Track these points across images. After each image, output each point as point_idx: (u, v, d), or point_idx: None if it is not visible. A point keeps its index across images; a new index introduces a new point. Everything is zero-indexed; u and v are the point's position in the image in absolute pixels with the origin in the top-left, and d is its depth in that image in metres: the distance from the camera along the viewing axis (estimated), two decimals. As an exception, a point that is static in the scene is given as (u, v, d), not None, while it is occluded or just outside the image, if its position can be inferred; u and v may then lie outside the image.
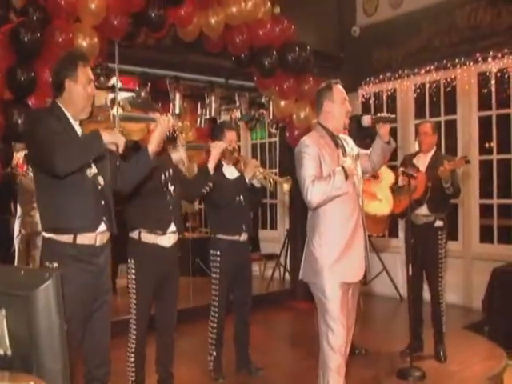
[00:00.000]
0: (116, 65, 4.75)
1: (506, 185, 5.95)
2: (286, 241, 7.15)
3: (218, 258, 3.80)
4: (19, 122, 3.81)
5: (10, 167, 5.73)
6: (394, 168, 4.42)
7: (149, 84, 6.12)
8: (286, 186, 3.69)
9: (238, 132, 6.95)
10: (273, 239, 8.08)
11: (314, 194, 2.68)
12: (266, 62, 5.33)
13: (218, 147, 3.51)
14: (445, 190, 4.09)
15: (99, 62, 4.67)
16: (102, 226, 2.46)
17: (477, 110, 6.10)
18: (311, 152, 2.74)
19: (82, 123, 2.47)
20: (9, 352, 1.30)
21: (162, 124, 2.54)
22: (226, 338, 3.92)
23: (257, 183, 3.88)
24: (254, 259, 6.30)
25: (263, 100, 6.74)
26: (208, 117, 6.94)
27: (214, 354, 3.85)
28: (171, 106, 6.32)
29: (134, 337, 3.25)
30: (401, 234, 6.42)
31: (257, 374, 3.98)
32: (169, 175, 3.30)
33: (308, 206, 2.80)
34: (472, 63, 5.94)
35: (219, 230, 3.84)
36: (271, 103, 6.07)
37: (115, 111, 2.60)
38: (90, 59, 2.65)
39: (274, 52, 5.35)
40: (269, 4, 5.34)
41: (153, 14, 4.44)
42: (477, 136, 6.09)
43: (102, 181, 2.46)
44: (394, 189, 4.13)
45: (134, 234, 3.25)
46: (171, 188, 3.31)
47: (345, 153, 2.84)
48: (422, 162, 4.33)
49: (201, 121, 7.22)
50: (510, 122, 5.84)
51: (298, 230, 6.40)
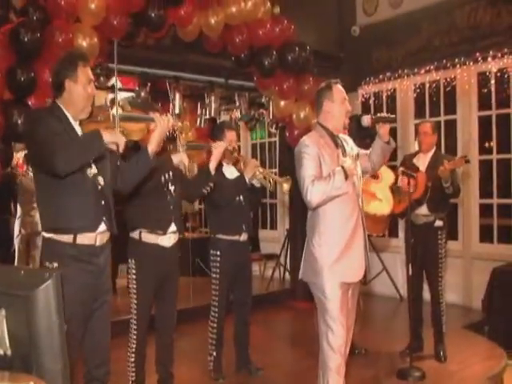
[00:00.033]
0: (115, 65, 4.75)
1: (506, 184, 5.94)
2: (286, 241, 7.14)
3: (218, 258, 3.80)
4: (19, 122, 3.81)
5: (10, 167, 5.73)
6: (393, 168, 4.41)
7: (148, 84, 6.10)
8: (286, 186, 3.69)
9: (238, 132, 6.94)
10: (273, 239, 8.08)
11: (313, 193, 2.68)
12: (266, 62, 5.33)
13: (219, 147, 3.51)
14: (445, 189, 4.09)
15: (99, 62, 4.67)
16: (102, 226, 2.46)
17: (477, 109, 6.09)
18: (311, 152, 2.74)
19: (81, 123, 2.48)
20: (9, 352, 1.30)
21: (161, 124, 2.53)
22: (226, 338, 3.92)
23: (257, 183, 3.88)
24: (254, 259, 6.30)
25: (263, 100, 6.73)
26: (208, 117, 6.92)
27: (214, 354, 3.85)
28: (171, 106, 6.30)
29: (135, 337, 3.25)
30: (401, 233, 6.42)
31: (257, 373, 3.98)
32: (169, 175, 3.30)
33: (308, 206, 2.80)
34: (472, 63, 5.94)
35: (219, 230, 3.84)
36: (271, 103, 6.06)
37: (115, 111, 2.60)
38: (89, 59, 2.65)
39: (274, 52, 5.35)
40: (268, 4, 5.34)
41: (153, 14, 4.45)
42: (477, 136, 6.09)
43: (102, 181, 2.47)
44: (393, 189, 4.13)
45: (135, 234, 3.26)
46: (172, 188, 3.31)
47: (344, 153, 2.85)
48: (422, 162, 4.33)
49: (200, 121, 7.20)
50: (509, 121, 5.84)
51: (297, 229, 6.40)
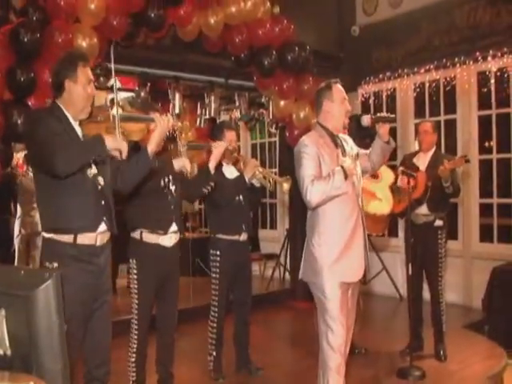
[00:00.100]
0: (112, 64, 4.74)
1: (506, 184, 5.95)
2: (286, 240, 7.14)
3: (218, 258, 3.80)
4: (19, 122, 3.81)
5: (10, 167, 5.73)
6: (393, 167, 4.42)
7: (148, 84, 6.10)
8: (286, 186, 3.68)
9: (238, 132, 6.94)
10: (273, 239, 8.08)
11: (313, 193, 2.68)
12: (266, 62, 5.33)
13: (219, 147, 3.51)
14: (445, 189, 4.09)
15: (99, 62, 4.67)
16: (103, 226, 2.46)
17: (476, 109, 6.09)
18: (310, 152, 2.74)
19: (81, 123, 2.48)
20: (8, 352, 1.30)
21: (161, 124, 2.53)
22: (226, 338, 3.92)
23: (256, 183, 3.88)
24: (254, 259, 6.30)
25: (263, 100, 6.72)
26: (208, 117, 6.91)
27: (214, 353, 3.85)
28: (171, 106, 6.30)
29: (136, 337, 3.25)
30: (400, 233, 6.42)
31: (257, 373, 3.99)
32: (170, 176, 3.29)
33: (307, 206, 2.80)
34: (471, 62, 5.94)
35: (219, 230, 3.84)
36: (271, 103, 6.06)
37: (115, 111, 2.60)
38: (89, 59, 2.65)
39: (274, 52, 5.34)
40: (268, 4, 5.33)
41: (152, 14, 4.44)
42: (476, 135, 6.09)
43: (102, 181, 2.47)
44: (393, 188, 4.13)
45: (136, 234, 3.26)
46: (172, 188, 3.31)
47: (344, 152, 2.85)
48: (422, 162, 4.33)
49: (200, 121, 7.20)
50: (509, 121, 5.84)
51: (297, 229, 6.40)
